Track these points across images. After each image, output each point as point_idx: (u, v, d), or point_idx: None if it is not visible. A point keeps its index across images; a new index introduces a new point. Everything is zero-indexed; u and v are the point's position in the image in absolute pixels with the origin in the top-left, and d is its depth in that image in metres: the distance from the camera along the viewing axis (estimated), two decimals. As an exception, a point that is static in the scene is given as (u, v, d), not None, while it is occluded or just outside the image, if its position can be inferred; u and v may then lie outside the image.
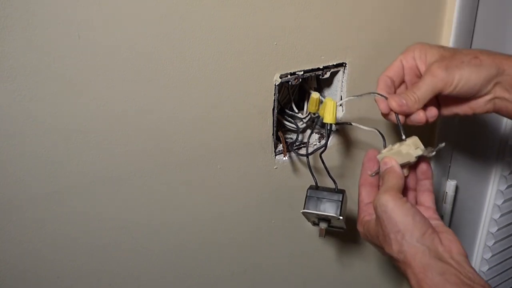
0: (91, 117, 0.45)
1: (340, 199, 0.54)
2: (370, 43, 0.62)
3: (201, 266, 0.61)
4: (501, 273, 0.92)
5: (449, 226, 0.83)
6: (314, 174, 0.56)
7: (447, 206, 0.80)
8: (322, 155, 0.55)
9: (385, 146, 0.52)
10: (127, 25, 0.44)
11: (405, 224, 0.43)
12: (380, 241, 0.45)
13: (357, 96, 0.54)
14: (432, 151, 0.50)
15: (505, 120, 0.77)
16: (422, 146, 0.49)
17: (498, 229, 0.85)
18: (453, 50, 0.50)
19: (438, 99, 0.53)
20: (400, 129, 0.50)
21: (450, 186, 0.78)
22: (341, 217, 0.53)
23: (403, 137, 0.50)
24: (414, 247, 0.42)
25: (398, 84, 0.54)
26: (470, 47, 0.69)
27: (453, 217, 0.84)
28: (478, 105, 0.51)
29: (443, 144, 0.50)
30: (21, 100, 0.41)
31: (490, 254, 0.87)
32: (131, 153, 0.49)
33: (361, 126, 0.54)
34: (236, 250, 0.63)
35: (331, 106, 0.52)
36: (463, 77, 0.47)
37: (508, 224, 0.87)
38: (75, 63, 0.43)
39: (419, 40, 0.54)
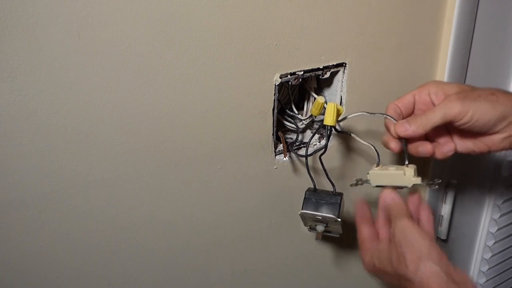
0: (91, 117, 0.45)
1: (339, 202, 0.54)
2: (370, 43, 0.62)
3: (201, 266, 0.61)
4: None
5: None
6: (313, 175, 0.56)
7: (443, 230, 0.84)
8: (322, 157, 0.55)
9: (378, 163, 0.53)
10: (127, 24, 0.44)
11: (423, 247, 0.44)
12: (394, 264, 0.45)
13: (369, 113, 0.55)
14: (434, 185, 0.53)
15: (491, 180, 0.79)
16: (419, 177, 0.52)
17: (492, 255, 0.87)
18: (471, 86, 0.51)
19: (453, 136, 0.54)
20: (405, 154, 0.53)
21: (445, 209, 0.81)
22: (339, 219, 0.53)
23: (406, 162, 0.52)
24: (432, 269, 0.42)
25: (406, 116, 0.54)
26: (470, 47, 0.69)
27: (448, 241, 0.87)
28: (493, 143, 0.51)
29: (439, 181, 0.53)
30: (21, 100, 0.41)
31: (484, 279, 0.89)
32: (131, 153, 0.49)
33: (359, 139, 0.56)
34: (236, 250, 0.63)
35: (332, 108, 0.53)
36: (478, 110, 0.47)
37: (502, 250, 0.89)
38: (75, 63, 0.43)
39: (420, 40, 0.54)
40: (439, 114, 0.48)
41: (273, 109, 0.57)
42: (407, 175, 0.51)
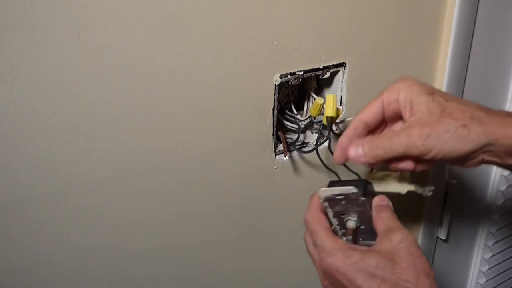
0: (91, 117, 0.45)
1: (363, 184, 0.47)
2: (370, 43, 0.62)
3: (201, 266, 0.61)
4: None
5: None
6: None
7: (443, 230, 0.84)
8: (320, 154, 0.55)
9: (372, 169, 0.53)
10: (127, 24, 0.44)
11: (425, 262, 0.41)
12: (386, 269, 0.40)
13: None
14: (428, 192, 0.50)
15: (492, 180, 0.78)
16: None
17: (492, 255, 0.87)
18: (442, 106, 0.43)
19: None
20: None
21: (445, 209, 0.81)
22: (363, 198, 0.46)
23: None
24: (430, 286, 0.40)
25: (374, 128, 0.48)
26: (470, 47, 0.69)
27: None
28: (466, 166, 0.46)
29: (433, 188, 0.50)
30: (21, 100, 0.41)
31: (484, 279, 0.89)
32: (131, 153, 0.49)
33: None
34: (236, 250, 0.63)
35: (331, 100, 0.54)
36: (443, 150, 0.42)
37: (502, 250, 0.89)
38: (75, 63, 0.43)
39: (420, 40, 0.53)
40: (400, 149, 0.43)
41: (273, 109, 0.57)
42: (401, 182, 0.51)
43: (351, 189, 0.45)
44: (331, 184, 0.48)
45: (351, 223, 0.47)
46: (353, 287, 0.40)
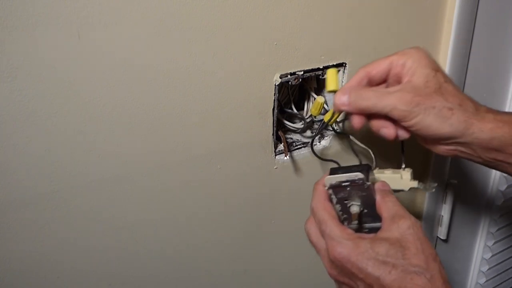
0: (91, 117, 0.45)
1: (366, 168, 0.47)
2: (370, 43, 0.62)
3: (201, 266, 0.61)
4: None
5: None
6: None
7: (443, 230, 0.84)
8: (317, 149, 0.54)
9: (374, 166, 0.54)
10: (127, 24, 0.44)
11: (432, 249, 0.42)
12: (396, 255, 0.41)
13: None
14: (431, 188, 0.52)
15: (491, 180, 0.78)
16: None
17: (492, 255, 0.87)
18: (439, 84, 0.45)
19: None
20: (402, 158, 0.52)
21: (445, 209, 0.82)
22: (368, 182, 0.46)
23: (403, 165, 0.52)
24: (438, 269, 0.41)
25: (377, 84, 0.49)
26: (470, 47, 0.69)
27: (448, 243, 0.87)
28: (437, 149, 0.48)
29: (436, 184, 0.52)
30: (21, 100, 0.41)
31: (484, 279, 0.89)
32: (131, 153, 0.49)
33: (357, 142, 0.56)
34: (236, 250, 0.63)
35: (333, 73, 0.52)
36: (423, 121, 0.44)
37: (502, 250, 0.89)
38: (75, 63, 0.43)
39: (420, 40, 0.53)
40: (387, 107, 0.44)
41: (273, 109, 0.57)
42: (404, 179, 0.51)
43: (357, 175, 0.45)
44: (333, 171, 0.47)
45: (355, 208, 0.47)
46: (363, 275, 0.40)
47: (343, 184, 0.46)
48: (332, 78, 0.52)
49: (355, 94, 0.46)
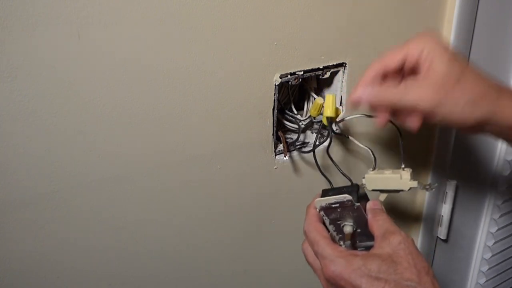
0: (91, 117, 0.45)
1: (356, 189, 0.48)
2: (370, 43, 0.62)
3: (201, 266, 0.61)
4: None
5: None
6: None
7: (443, 230, 0.84)
8: (318, 153, 0.55)
9: (374, 167, 0.54)
10: (127, 24, 0.44)
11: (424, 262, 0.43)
12: (388, 271, 0.41)
13: (368, 115, 0.54)
14: (431, 188, 0.52)
15: (498, 150, 0.78)
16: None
17: (492, 255, 0.87)
18: (459, 74, 0.44)
19: None
20: (401, 158, 0.53)
21: (445, 209, 0.81)
22: (357, 203, 0.47)
23: (402, 165, 0.53)
24: (431, 282, 0.41)
25: (393, 74, 0.49)
26: (470, 47, 0.69)
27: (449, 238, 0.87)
28: (462, 131, 0.49)
29: (436, 184, 0.53)
30: (21, 100, 0.41)
31: (484, 279, 0.89)
32: (131, 153, 0.49)
33: (357, 142, 0.56)
34: (236, 250, 0.63)
35: (330, 100, 0.54)
36: (448, 118, 0.45)
37: (502, 250, 0.89)
38: (75, 63, 0.43)
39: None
40: (409, 102, 0.45)
41: (273, 109, 0.57)
42: (404, 179, 0.51)
43: (346, 197, 0.46)
44: (324, 192, 0.49)
45: (348, 228, 0.48)
46: None
47: (333, 205, 0.47)
48: (330, 105, 0.54)
49: (377, 90, 0.46)
